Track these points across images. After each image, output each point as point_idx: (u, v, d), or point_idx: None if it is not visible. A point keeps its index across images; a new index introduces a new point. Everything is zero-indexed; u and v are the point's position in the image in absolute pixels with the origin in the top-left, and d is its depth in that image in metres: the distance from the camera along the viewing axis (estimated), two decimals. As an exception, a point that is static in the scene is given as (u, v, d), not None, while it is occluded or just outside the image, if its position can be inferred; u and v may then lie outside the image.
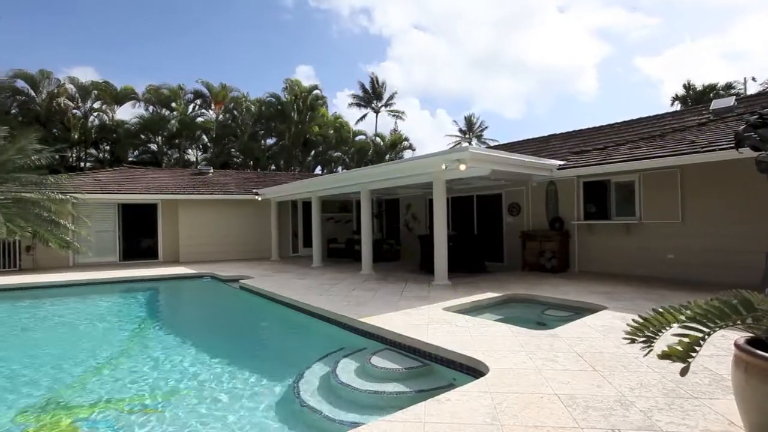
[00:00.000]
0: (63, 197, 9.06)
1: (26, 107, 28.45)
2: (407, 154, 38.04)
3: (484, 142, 41.35)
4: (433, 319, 5.66)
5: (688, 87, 31.29)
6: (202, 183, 17.37)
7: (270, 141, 35.97)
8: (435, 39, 59.54)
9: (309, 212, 14.79)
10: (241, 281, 10.28)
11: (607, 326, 5.08)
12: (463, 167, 7.98)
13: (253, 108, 33.93)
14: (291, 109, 33.32)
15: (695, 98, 29.42)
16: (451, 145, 39.37)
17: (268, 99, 33.88)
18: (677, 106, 30.72)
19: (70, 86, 29.70)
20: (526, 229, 11.41)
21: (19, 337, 6.98)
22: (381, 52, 61.63)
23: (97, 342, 6.52)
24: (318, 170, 36.70)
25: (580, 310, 6.29)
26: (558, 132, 14.91)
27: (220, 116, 33.93)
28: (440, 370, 4.32)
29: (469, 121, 42.18)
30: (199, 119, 33.29)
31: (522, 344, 4.43)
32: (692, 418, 2.74)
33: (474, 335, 4.80)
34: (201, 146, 34.83)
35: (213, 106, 33.47)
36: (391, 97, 37.83)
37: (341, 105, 65.66)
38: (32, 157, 8.89)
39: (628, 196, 9.76)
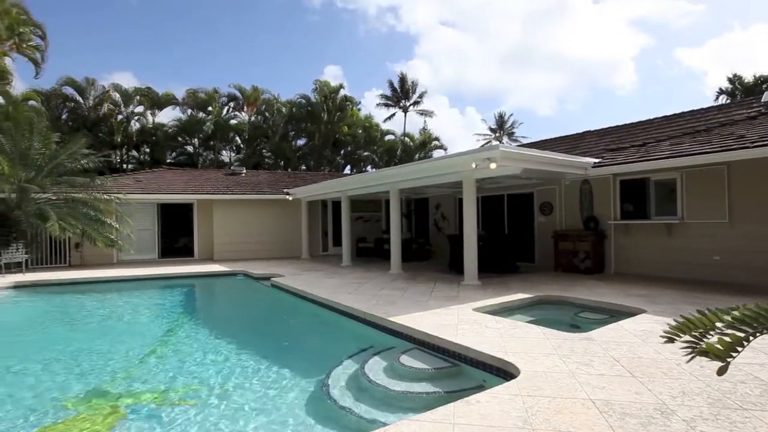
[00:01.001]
0: (108, 197, 9.54)
1: (75, 113, 30.15)
2: (437, 153, 37.76)
3: (515, 140, 40.56)
4: (463, 319, 5.61)
5: (734, 79, 29.52)
6: (236, 183, 17.88)
7: (300, 141, 36.59)
8: (463, 35, 58.88)
9: (339, 211, 14.96)
10: (272, 279, 10.51)
11: (646, 330, 4.87)
12: (493, 166, 7.85)
13: (283, 109, 34.60)
14: (320, 110, 33.76)
15: (745, 91, 27.72)
16: (481, 144, 38.81)
17: (299, 100, 34.46)
18: (723, 100, 29.06)
19: (114, 92, 31.26)
20: (558, 229, 11.10)
21: (69, 329, 7.42)
22: (408, 50, 61.48)
23: (139, 335, 6.84)
24: (347, 170, 37.04)
25: (616, 314, 6.06)
26: (593, 129, 14.42)
27: (253, 118, 34.80)
28: (469, 371, 4.27)
29: (499, 119, 41.45)
30: (233, 121, 34.24)
31: (555, 347, 4.32)
32: (741, 430, 2.58)
33: (504, 336, 4.72)
34: (234, 147, 35.80)
35: (245, 109, 34.36)
36: (420, 96, 37.63)
37: (369, 104, 66.00)
38: (81, 161, 9.42)
39: (668, 194, 9.32)
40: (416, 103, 37.69)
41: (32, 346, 6.30)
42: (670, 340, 2.26)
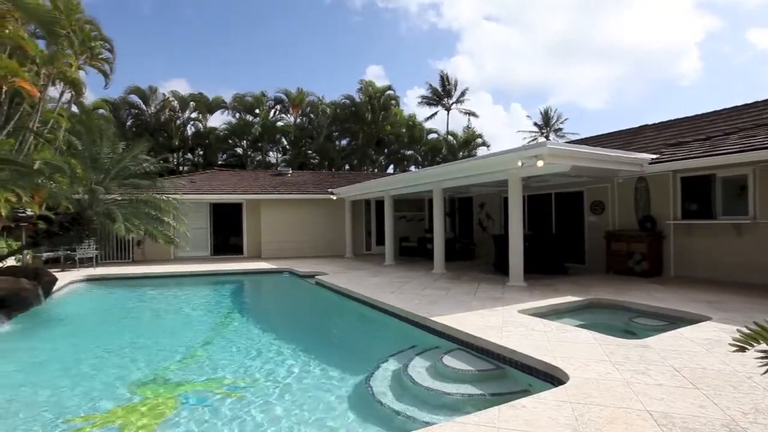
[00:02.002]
0: (167, 198, 10.17)
1: (139, 119, 32.48)
2: (481, 151, 37.04)
3: (562, 137, 38.93)
4: (508, 321, 5.47)
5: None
6: (282, 183, 18.47)
7: (344, 141, 37.21)
8: (507, 29, 57.20)
9: (382, 211, 15.06)
10: (316, 277, 10.76)
11: (711, 339, 4.52)
12: (540, 164, 7.58)
13: (328, 110, 35.32)
14: (365, 110, 34.13)
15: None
16: (527, 141, 37.61)
17: (343, 101, 35.02)
18: (804, 87, 26.26)
19: (172, 99, 33.34)
20: (611, 229, 10.54)
21: (132, 320, 8.01)
22: (450, 47, 60.55)
23: (193, 327, 7.25)
24: (390, 169, 37.18)
25: (676, 320, 5.67)
26: (651, 122, 13.53)
27: (298, 120, 35.79)
28: (515, 374, 4.16)
29: (545, 115, 39.90)
30: (279, 123, 35.40)
31: (607, 353, 4.11)
32: (822, 451, 2.34)
33: (552, 340, 4.55)
34: (281, 148, 37.00)
35: (291, 111, 35.40)
36: (463, 94, 36.99)
37: (411, 103, 65.62)
38: (143, 164, 10.11)
39: (738, 192, 8.58)
40: (459, 101, 37.12)
41: (102, 334, 6.86)
42: (741, 350, 2.06)
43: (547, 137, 38.75)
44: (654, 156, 9.37)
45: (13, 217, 13.12)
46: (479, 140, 37.59)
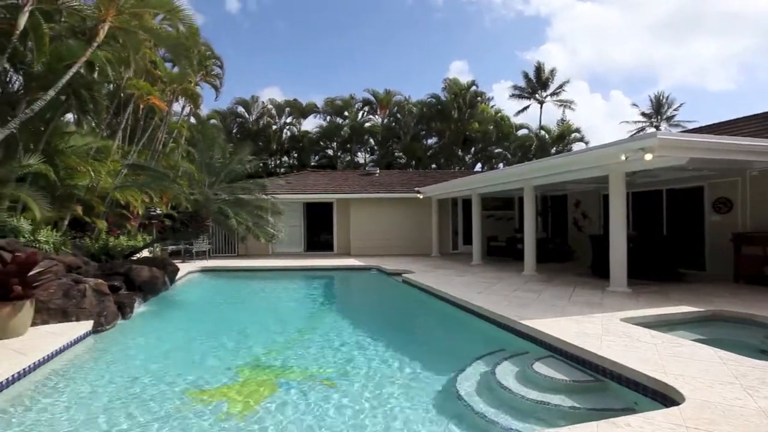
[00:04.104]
0: (266, 197, 11.14)
1: (242, 127, 35.94)
2: (577, 147, 34.21)
3: (676, 125, 34.43)
4: (608, 329, 5.01)
5: None
6: (370, 183, 19.05)
7: (431, 140, 37.15)
8: (604, 8, 52.11)
9: (469, 210, 14.75)
10: (403, 275, 10.90)
11: None
12: (649, 157, 6.80)
13: (414, 110, 35.55)
14: (451, 108, 33.72)
15: None
16: (631, 133, 33.88)
17: (429, 100, 34.97)
18: None
19: (270, 107, 36.33)
20: (741, 231, 9.06)
21: (237, 308, 8.89)
22: (539, 35, 56.80)
23: (289, 317, 7.82)
24: (478, 167, 36.23)
25: (831, 341, 4.70)
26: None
27: (385, 120, 36.57)
28: (616, 388, 3.80)
29: (656, 102, 35.52)
30: (367, 124, 36.53)
31: (736, 375, 3.55)
32: None
33: (663, 355, 4.06)
34: (368, 149, 38.16)
35: (379, 111, 36.30)
36: (560, 86, 34.59)
37: (498, 98, 62.82)
38: (246, 167, 11.20)
39: None
40: (555, 93, 34.77)
41: (213, 319, 7.74)
42: None
43: (657, 127, 34.56)
44: (800, 144, 7.85)
45: (147, 215, 15.39)
46: (576, 134, 34.77)
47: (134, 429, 3.35)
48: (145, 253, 12.32)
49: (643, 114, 36.08)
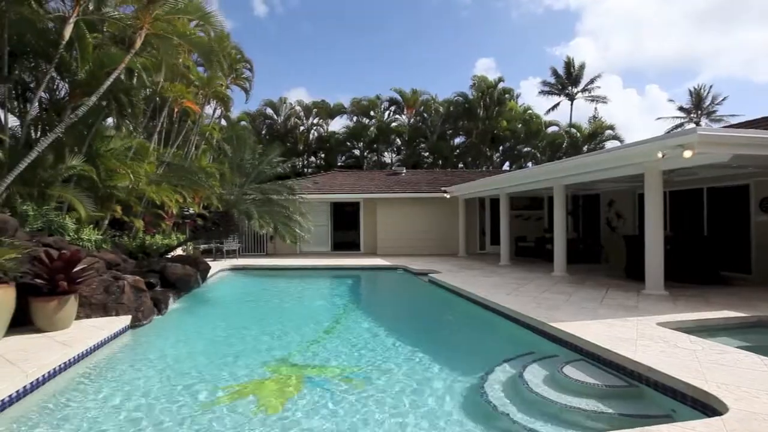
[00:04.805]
0: (294, 198, 11.33)
1: (271, 128, 36.66)
2: (610, 145, 33.02)
3: (718, 120, 32.77)
4: (644, 334, 4.82)
5: None
6: (396, 183, 19.05)
7: (458, 140, 36.81)
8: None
9: (496, 209, 14.53)
10: (430, 275, 10.85)
11: None
12: (688, 154, 6.49)
13: (441, 109, 35.29)
14: (478, 106, 33.29)
15: None
16: (669, 130, 32.45)
17: (456, 98, 34.62)
18: None
19: (297, 108, 36.91)
20: (790, 232, 8.53)
21: (266, 305, 9.09)
22: (569, 29, 55.27)
23: (316, 315, 7.91)
24: (506, 166, 35.61)
25: None
26: None
27: (412, 120, 36.48)
28: (652, 395, 3.66)
29: (695, 96, 33.89)
30: (394, 124, 36.53)
31: (782, 384, 3.35)
32: None
33: (703, 361, 3.88)
34: (395, 148, 38.18)
35: (405, 111, 36.24)
36: (591, 81, 33.52)
37: (526, 95, 61.38)
38: (275, 168, 11.43)
39: None
40: (586, 89, 33.73)
41: (243, 316, 7.93)
42: None
43: (697, 123, 32.99)
44: None
45: (180, 215, 15.96)
46: (609, 132, 33.56)
47: (169, 419, 3.49)
48: (179, 251, 12.76)
49: (681, 109, 34.53)
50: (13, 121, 8.99)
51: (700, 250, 9.07)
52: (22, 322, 5.25)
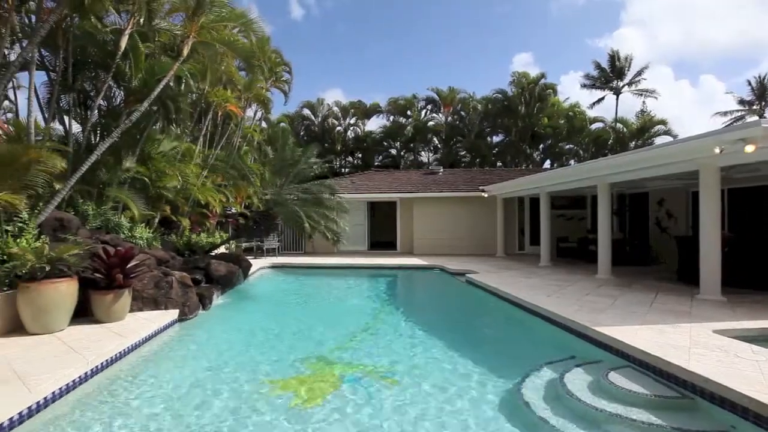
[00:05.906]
0: (332, 197, 11.51)
1: (309, 129, 37.43)
2: (661, 140, 31.10)
3: (787, 112, 30.09)
4: (698, 342, 4.53)
5: None
6: (433, 182, 18.92)
7: (496, 138, 36.08)
8: (693, -18, 46.84)
9: (536, 209, 14.12)
10: (467, 275, 10.70)
11: None
12: (750, 149, 6.04)
13: (479, 106, 34.68)
14: (518, 103, 32.43)
15: None
16: (726, 124, 30.16)
17: (494, 95, 33.91)
18: None
19: (335, 108, 37.46)
20: None
21: (305, 303, 9.30)
22: (613, 19, 52.55)
23: (354, 314, 8.00)
24: (547, 165, 34.49)
25: None
26: None
27: (449, 118, 36.10)
28: (708, 408, 3.43)
29: (759, 86, 31.20)
30: (430, 123, 36.30)
31: None
32: None
33: (767, 373, 3.60)
34: (432, 148, 37.91)
35: (442, 110, 35.91)
36: (639, 73, 31.70)
37: (566, 90, 58.89)
38: (314, 168, 11.67)
39: None
40: (632, 82, 31.96)
41: (284, 312, 8.14)
42: None
43: (760, 115, 30.51)
44: None
45: (224, 214, 16.62)
46: (661, 127, 31.57)
47: (216, 406, 3.65)
48: (222, 249, 13.31)
49: (742, 101, 31.96)
50: (75, 127, 9.71)
51: (764, 253, 8.40)
52: (83, 313, 5.70)
